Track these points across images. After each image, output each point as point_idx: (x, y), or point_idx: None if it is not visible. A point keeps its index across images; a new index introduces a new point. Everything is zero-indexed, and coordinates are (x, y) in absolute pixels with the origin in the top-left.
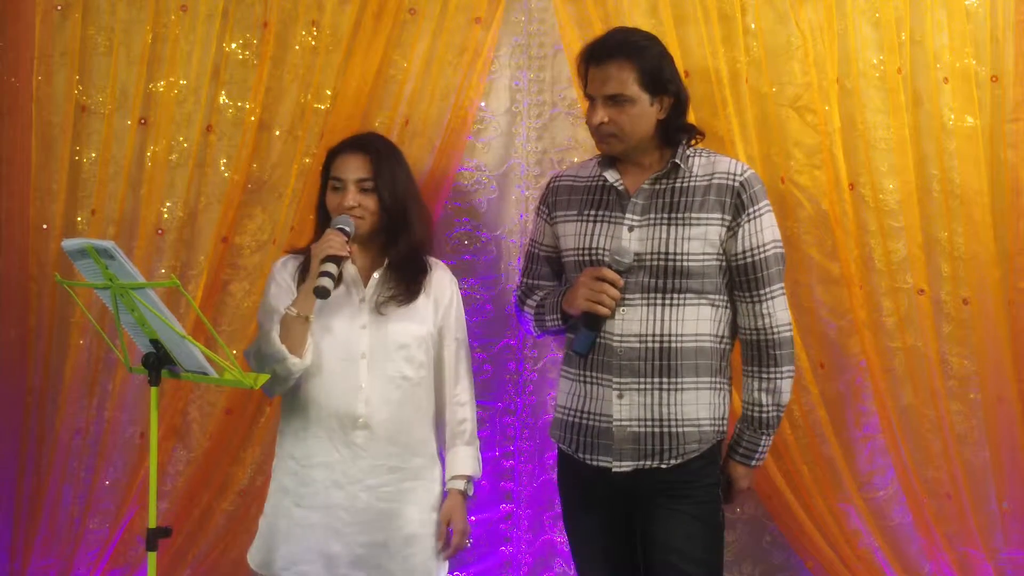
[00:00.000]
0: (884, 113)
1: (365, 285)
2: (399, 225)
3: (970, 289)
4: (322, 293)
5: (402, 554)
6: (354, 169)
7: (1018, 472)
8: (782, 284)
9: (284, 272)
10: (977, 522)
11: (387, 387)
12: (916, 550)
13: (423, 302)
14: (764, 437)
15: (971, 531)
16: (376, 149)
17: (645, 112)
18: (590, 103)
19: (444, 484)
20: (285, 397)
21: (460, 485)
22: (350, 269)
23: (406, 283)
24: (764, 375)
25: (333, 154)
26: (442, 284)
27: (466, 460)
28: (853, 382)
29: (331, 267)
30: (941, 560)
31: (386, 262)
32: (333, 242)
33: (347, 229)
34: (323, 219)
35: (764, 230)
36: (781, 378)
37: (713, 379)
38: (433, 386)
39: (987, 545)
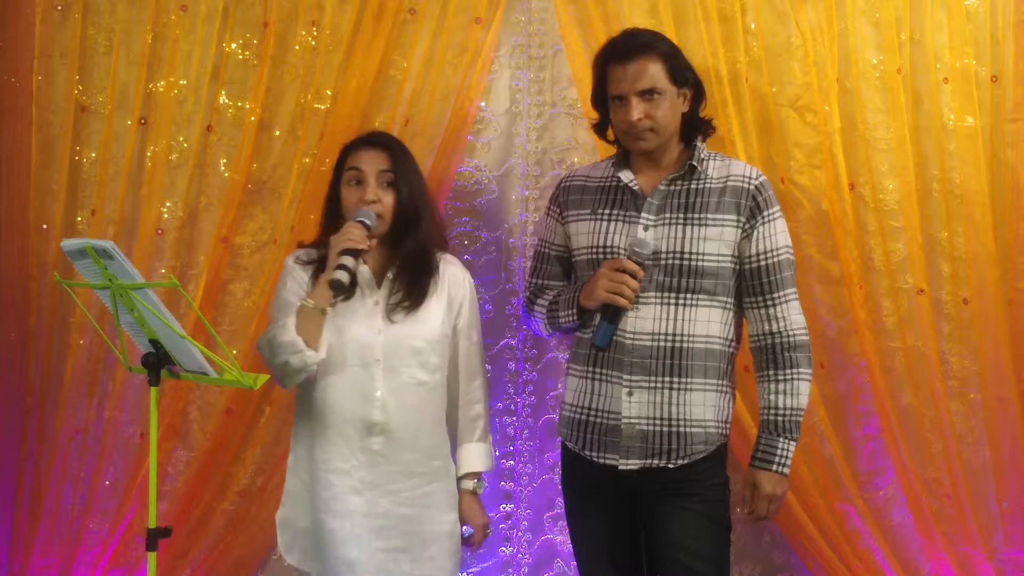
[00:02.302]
0: (884, 113)
1: (379, 286)
2: (409, 225)
3: (970, 289)
4: (337, 286)
5: (423, 556)
6: (376, 162)
7: (1018, 472)
8: (795, 289)
9: (299, 267)
10: (977, 522)
11: (403, 393)
12: (916, 550)
13: (435, 303)
14: (781, 441)
15: (971, 531)
16: (395, 146)
17: (674, 104)
18: (618, 102)
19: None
20: (299, 398)
21: (470, 486)
22: (364, 271)
23: (413, 287)
24: (781, 377)
25: (349, 149)
26: (456, 281)
27: (478, 456)
28: (853, 382)
29: (348, 260)
30: (941, 560)
31: (397, 263)
32: (353, 234)
33: (368, 223)
34: (332, 215)
35: (778, 234)
36: (799, 379)
37: (720, 381)
38: (447, 386)
39: (987, 545)
